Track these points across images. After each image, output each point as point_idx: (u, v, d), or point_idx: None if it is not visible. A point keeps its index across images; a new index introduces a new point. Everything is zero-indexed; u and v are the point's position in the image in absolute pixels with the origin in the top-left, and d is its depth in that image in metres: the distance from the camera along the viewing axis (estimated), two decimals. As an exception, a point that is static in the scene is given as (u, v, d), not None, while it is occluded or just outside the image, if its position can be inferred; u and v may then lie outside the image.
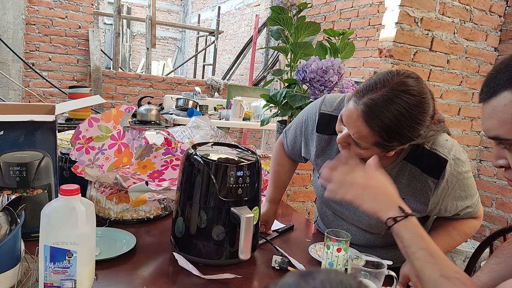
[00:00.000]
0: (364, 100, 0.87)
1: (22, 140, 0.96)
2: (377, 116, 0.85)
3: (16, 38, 4.10)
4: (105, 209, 1.17)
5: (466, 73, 2.56)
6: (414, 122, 0.86)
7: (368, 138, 0.89)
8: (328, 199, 0.98)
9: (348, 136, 0.93)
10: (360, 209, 0.89)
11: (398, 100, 0.84)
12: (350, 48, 1.93)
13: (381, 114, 0.85)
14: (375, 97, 0.86)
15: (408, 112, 0.85)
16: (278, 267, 1.01)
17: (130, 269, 0.93)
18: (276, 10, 1.85)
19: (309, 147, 1.20)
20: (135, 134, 1.27)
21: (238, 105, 3.54)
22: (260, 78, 6.10)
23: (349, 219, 1.17)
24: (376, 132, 0.87)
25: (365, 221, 1.12)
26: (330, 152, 1.15)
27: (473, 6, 2.43)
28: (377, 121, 0.85)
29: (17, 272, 0.78)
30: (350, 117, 0.90)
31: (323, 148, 1.15)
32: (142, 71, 8.04)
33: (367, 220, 1.12)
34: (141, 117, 3.29)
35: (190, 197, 0.96)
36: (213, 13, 9.09)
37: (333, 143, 1.13)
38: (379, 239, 1.16)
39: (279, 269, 1.00)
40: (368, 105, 0.86)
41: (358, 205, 0.88)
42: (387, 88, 0.86)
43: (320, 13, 4.80)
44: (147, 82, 5.16)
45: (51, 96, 4.62)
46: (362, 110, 0.87)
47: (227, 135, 1.80)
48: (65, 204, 0.73)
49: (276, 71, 1.98)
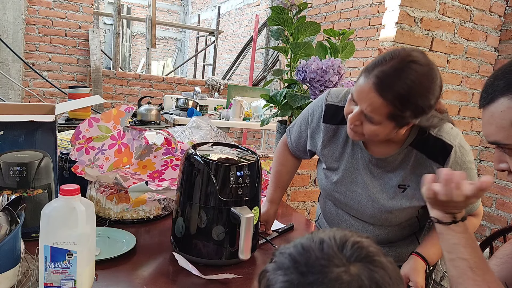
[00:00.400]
0: (374, 73, 0.89)
1: (22, 140, 0.96)
2: (389, 85, 0.87)
3: (16, 38, 4.10)
4: (105, 209, 1.17)
5: (466, 73, 2.56)
6: (425, 91, 0.88)
7: (382, 109, 0.89)
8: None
9: (360, 114, 0.94)
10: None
11: (408, 69, 0.87)
12: (350, 48, 1.93)
13: (393, 83, 0.87)
14: (385, 69, 0.88)
15: (419, 80, 0.87)
16: None
17: (130, 269, 0.93)
18: (276, 10, 1.85)
19: (315, 139, 1.20)
20: (135, 134, 1.27)
21: (238, 105, 3.54)
22: (260, 78, 6.09)
23: (353, 211, 1.16)
24: (389, 101, 0.88)
25: (369, 211, 1.11)
26: (337, 142, 1.15)
27: (473, 6, 2.43)
28: (389, 90, 0.87)
29: (17, 272, 0.78)
30: (362, 92, 0.91)
31: (330, 138, 1.16)
32: (142, 71, 8.04)
33: (371, 210, 1.10)
34: (141, 117, 3.29)
35: (190, 197, 0.96)
36: (213, 13, 9.09)
37: (340, 133, 1.14)
38: (382, 234, 1.16)
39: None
40: (379, 76, 0.88)
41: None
42: (396, 60, 0.88)
43: (320, 13, 4.80)
44: (147, 82, 5.16)
45: (51, 96, 4.61)
46: (374, 81, 0.88)
47: (227, 135, 1.80)
48: (65, 204, 0.73)
49: (276, 71, 1.98)
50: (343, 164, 1.14)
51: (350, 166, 1.13)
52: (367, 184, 1.10)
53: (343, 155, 1.14)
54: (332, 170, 1.17)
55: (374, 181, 1.10)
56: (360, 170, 1.11)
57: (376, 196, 1.09)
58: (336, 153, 1.15)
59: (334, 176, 1.16)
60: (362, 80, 0.92)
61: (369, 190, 1.10)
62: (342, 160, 1.14)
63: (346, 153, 1.13)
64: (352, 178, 1.13)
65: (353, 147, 1.12)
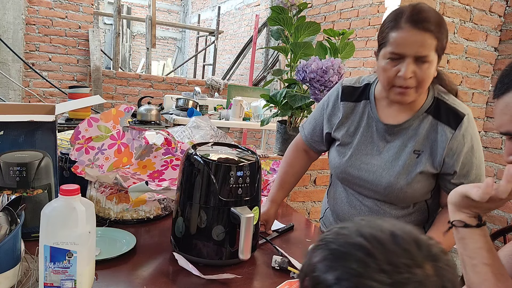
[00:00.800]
0: (403, 21, 0.98)
1: (22, 140, 0.96)
2: (423, 20, 0.97)
3: (16, 38, 4.10)
4: (105, 209, 1.17)
5: (466, 73, 2.56)
6: (444, 21, 1.01)
7: (430, 43, 0.98)
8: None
9: (412, 62, 0.99)
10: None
11: (423, 6, 1.00)
12: (350, 48, 1.93)
13: (424, 18, 0.97)
14: (408, 15, 0.98)
15: (434, 10, 1.01)
16: (278, 267, 1.00)
17: (130, 269, 0.93)
18: (276, 10, 1.85)
19: (332, 120, 1.24)
20: (135, 134, 1.27)
21: (238, 105, 3.54)
22: (260, 78, 6.09)
23: (366, 185, 1.15)
24: (431, 32, 0.97)
25: (384, 180, 1.11)
26: (353, 118, 1.20)
27: (473, 6, 2.43)
28: (426, 23, 0.97)
29: (17, 272, 0.78)
30: (405, 38, 0.98)
31: (347, 115, 1.20)
32: (142, 71, 8.04)
33: (386, 178, 1.10)
34: (141, 117, 3.29)
35: (190, 197, 0.96)
36: (213, 13, 9.09)
37: (356, 109, 1.19)
38: (398, 214, 1.16)
39: (279, 269, 1.00)
40: (411, 20, 0.97)
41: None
42: (410, 7, 1.00)
43: (320, 13, 4.80)
44: (147, 82, 5.16)
45: (51, 96, 4.61)
46: (410, 25, 0.97)
47: (227, 135, 1.80)
48: (65, 204, 0.73)
49: (276, 71, 1.97)
50: (357, 138, 1.17)
51: (364, 140, 1.16)
52: (382, 153, 1.13)
53: (357, 129, 1.18)
54: (346, 145, 1.20)
55: (389, 149, 1.12)
56: (375, 142, 1.15)
57: (391, 163, 1.11)
58: (352, 128, 1.19)
59: (348, 151, 1.18)
60: (399, 33, 0.99)
61: (384, 158, 1.12)
62: (356, 134, 1.18)
63: (361, 127, 1.17)
64: (366, 150, 1.16)
65: (368, 120, 1.17)
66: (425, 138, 1.08)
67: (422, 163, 1.08)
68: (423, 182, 1.10)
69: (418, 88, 1.02)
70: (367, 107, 1.17)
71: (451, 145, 1.05)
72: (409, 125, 1.10)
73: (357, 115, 1.19)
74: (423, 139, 1.08)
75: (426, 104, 1.10)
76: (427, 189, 1.13)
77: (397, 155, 1.11)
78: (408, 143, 1.10)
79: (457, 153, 1.06)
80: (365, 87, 1.20)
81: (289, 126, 2.01)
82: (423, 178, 1.10)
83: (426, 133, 1.09)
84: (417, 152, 1.09)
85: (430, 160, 1.08)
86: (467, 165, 1.07)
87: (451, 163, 1.06)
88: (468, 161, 1.07)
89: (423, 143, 1.09)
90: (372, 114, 1.16)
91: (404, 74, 0.99)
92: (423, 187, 1.11)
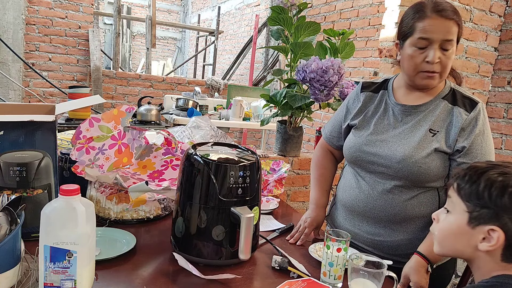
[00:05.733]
0: (431, 10, 1.08)
1: (22, 140, 0.96)
2: (448, 9, 1.08)
3: (16, 38, 4.10)
4: (105, 209, 1.17)
5: (466, 73, 2.56)
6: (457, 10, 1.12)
7: (454, 29, 1.08)
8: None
9: (437, 49, 1.08)
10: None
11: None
12: (350, 48, 1.93)
13: (446, 7, 1.08)
14: (435, 3, 1.09)
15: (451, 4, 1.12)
16: (278, 267, 1.00)
17: (130, 269, 0.93)
18: (276, 10, 1.85)
19: (351, 111, 1.31)
20: (135, 134, 1.27)
21: (238, 105, 3.54)
22: (260, 78, 6.09)
23: (382, 159, 1.15)
24: (454, 20, 1.08)
25: (399, 153, 1.13)
26: (371, 105, 1.26)
27: (473, 6, 2.43)
28: (451, 12, 1.08)
29: (17, 272, 0.78)
30: (433, 24, 1.08)
31: (366, 103, 1.27)
32: (142, 71, 8.04)
33: (401, 152, 1.13)
34: (141, 117, 3.29)
35: (190, 197, 0.96)
36: (213, 13, 9.09)
37: (374, 98, 1.27)
38: (400, 205, 1.14)
39: (279, 269, 1.00)
40: (439, 9, 1.08)
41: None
42: (430, 0, 1.11)
43: (320, 13, 4.80)
44: (147, 82, 5.16)
45: (51, 96, 4.61)
46: (439, 14, 1.07)
47: (227, 135, 1.80)
48: (65, 204, 0.73)
49: (276, 71, 1.97)
50: (373, 122, 1.23)
51: (381, 122, 1.22)
52: (399, 131, 1.18)
53: (374, 115, 1.24)
54: (363, 128, 1.25)
55: (406, 129, 1.17)
56: (391, 123, 1.20)
57: (407, 139, 1.15)
58: (369, 113, 1.25)
59: (365, 132, 1.23)
60: (427, 21, 1.08)
61: (401, 135, 1.16)
62: (373, 118, 1.24)
63: (378, 112, 1.24)
64: (383, 130, 1.20)
65: (385, 106, 1.23)
66: (441, 120, 1.14)
67: (437, 141, 1.13)
68: (437, 161, 1.12)
69: (442, 73, 1.12)
70: (385, 96, 1.25)
71: (465, 125, 1.11)
72: (426, 108, 1.17)
73: (375, 103, 1.26)
74: (439, 121, 1.14)
75: (443, 92, 1.17)
76: (442, 171, 1.13)
77: (413, 132, 1.16)
78: (424, 122, 1.16)
79: (468, 132, 1.11)
80: (384, 81, 1.29)
81: (289, 126, 2.01)
82: (438, 157, 1.12)
83: (442, 116, 1.15)
84: (433, 131, 1.14)
85: (444, 139, 1.13)
86: (475, 147, 1.11)
87: (461, 141, 1.11)
88: (477, 144, 1.11)
89: (439, 124, 1.14)
90: (389, 101, 1.23)
91: (432, 59, 1.08)
92: (437, 166, 1.12)
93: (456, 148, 1.11)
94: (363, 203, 1.19)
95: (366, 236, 1.20)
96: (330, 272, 0.95)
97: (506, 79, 2.60)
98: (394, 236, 1.17)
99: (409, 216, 1.15)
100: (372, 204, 1.17)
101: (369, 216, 1.19)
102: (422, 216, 1.15)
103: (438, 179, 1.14)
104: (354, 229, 1.22)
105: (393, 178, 1.15)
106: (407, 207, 1.14)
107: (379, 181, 1.17)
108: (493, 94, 2.67)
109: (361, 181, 1.22)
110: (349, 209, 1.25)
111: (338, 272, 0.95)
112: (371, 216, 1.18)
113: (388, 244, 1.17)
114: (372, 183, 1.18)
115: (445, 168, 1.14)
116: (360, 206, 1.20)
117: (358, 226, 1.22)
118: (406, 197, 1.14)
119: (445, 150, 1.12)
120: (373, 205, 1.17)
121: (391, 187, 1.15)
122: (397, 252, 1.17)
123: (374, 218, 1.18)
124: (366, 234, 1.20)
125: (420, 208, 1.14)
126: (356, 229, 1.22)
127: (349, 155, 1.25)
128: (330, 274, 0.95)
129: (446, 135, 1.13)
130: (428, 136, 1.13)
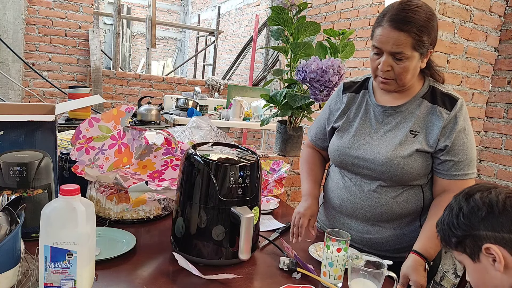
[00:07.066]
0: (386, 19, 1.07)
1: (22, 140, 0.96)
2: (402, 20, 1.05)
3: (16, 38, 4.10)
4: (105, 209, 1.17)
5: (466, 73, 2.56)
6: (429, 19, 1.07)
7: (405, 42, 1.05)
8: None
9: (388, 57, 1.08)
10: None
11: (410, 5, 1.07)
12: (350, 48, 1.93)
13: (404, 18, 1.05)
14: (393, 12, 1.06)
15: (421, 9, 1.07)
16: (286, 268, 1.00)
17: (130, 269, 0.93)
18: (276, 10, 1.85)
19: (334, 113, 1.32)
20: (135, 134, 1.27)
21: (238, 105, 3.54)
22: (260, 78, 6.09)
23: (366, 162, 1.17)
24: (407, 32, 1.04)
25: (381, 156, 1.14)
26: (352, 106, 1.27)
27: (473, 6, 2.43)
28: (403, 23, 1.05)
29: (17, 272, 0.78)
30: (383, 36, 1.07)
31: (348, 105, 1.28)
32: (142, 71, 8.04)
33: (383, 155, 1.14)
34: (141, 117, 3.29)
35: (190, 197, 0.96)
36: (213, 13, 9.09)
37: (356, 99, 1.28)
38: (387, 204, 1.17)
39: (287, 270, 1.00)
40: (391, 18, 1.06)
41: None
42: (397, 3, 1.08)
43: (320, 13, 4.80)
44: (147, 82, 5.16)
45: (51, 96, 4.61)
46: (389, 24, 1.06)
47: (227, 135, 1.80)
48: (65, 204, 0.73)
49: (276, 71, 1.97)
50: (355, 124, 1.24)
51: (363, 124, 1.23)
52: (379, 132, 1.19)
53: (356, 116, 1.25)
54: (345, 130, 1.25)
55: (387, 130, 1.18)
56: (373, 125, 1.21)
57: (389, 142, 1.16)
58: (351, 115, 1.27)
59: (347, 135, 1.24)
60: (380, 30, 1.08)
61: (382, 138, 1.17)
62: (355, 120, 1.25)
63: (360, 113, 1.25)
64: (364, 133, 1.22)
65: (366, 107, 1.24)
66: (421, 120, 1.15)
67: (418, 142, 1.13)
68: (419, 161, 1.14)
69: (398, 80, 1.12)
70: (366, 96, 1.26)
71: (446, 124, 1.12)
72: (406, 108, 1.17)
73: (356, 103, 1.27)
74: (420, 121, 1.15)
75: (422, 91, 1.17)
76: (424, 170, 1.16)
77: (394, 134, 1.17)
78: (404, 123, 1.16)
79: (449, 130, 1.12)
80: (365, 80, 1.30)
81: (289, 126, 2.01)
82: (419, 157, 1.13)
83: (423, 116, 1.15)
84: (413, 133, 1.14)
85: (426, 140, 1.13)
86: (457, 144, 1.12)
87: (443, 140, 1.12)
88: (459, 140, 1.12)
89: (420, 125, 1.15)
90: (370, 101, 1.24)
91: (381, 67, 1.11)
92: (419, 166, 1.14)
93: (438, 147, 1.13)
94: (351, 204, 1.22)
95: (355, 234, 1.22)
96: (330, 272, 0.95)
97: (506, 79, 2.60)
98: (382, 233, 1.20)
99: (395, 213, 1.18)
100: (360, 204, 1.20)
101: (357, 215, 1.21)
102: (408, 212, 1.19)
103: (421, 177, 1.17)
104: (342, 227, 1.23)
105: (378, 179, 1.18)
106: (393, 205, 1.17)
107: (365, 182, 1.20)
108: (493, 94, 2.67)
109: (347, 181, 1.24)
110: (337, 209, 1.28)
111: (338, 272, 0.95)
112: (359, 215, 1.21)
113: (377, 241, 1.21)
114: (359, 183, 1.21)
115: (428, 166, 1.16)
116: (348, 207, 1.23)
117: (347, 225, 1.25)
118: (392, 195, 1.17)
119: (427, 150, 1.13)
120: (361, 205, 1.20)
121: (376, 187, 1.18)
122: (386, 247, 1.21)
123: (362, 217, 1.21)
124: (355, 232, 1.22)
125: (406, 205, 1.18)
126: (345, 227, 1.24)
127: (334, 158, 1.28)
128: (330, 274, 0.95)
129: (427, 135, 1.14)
130: (409, 138, 1.14)
